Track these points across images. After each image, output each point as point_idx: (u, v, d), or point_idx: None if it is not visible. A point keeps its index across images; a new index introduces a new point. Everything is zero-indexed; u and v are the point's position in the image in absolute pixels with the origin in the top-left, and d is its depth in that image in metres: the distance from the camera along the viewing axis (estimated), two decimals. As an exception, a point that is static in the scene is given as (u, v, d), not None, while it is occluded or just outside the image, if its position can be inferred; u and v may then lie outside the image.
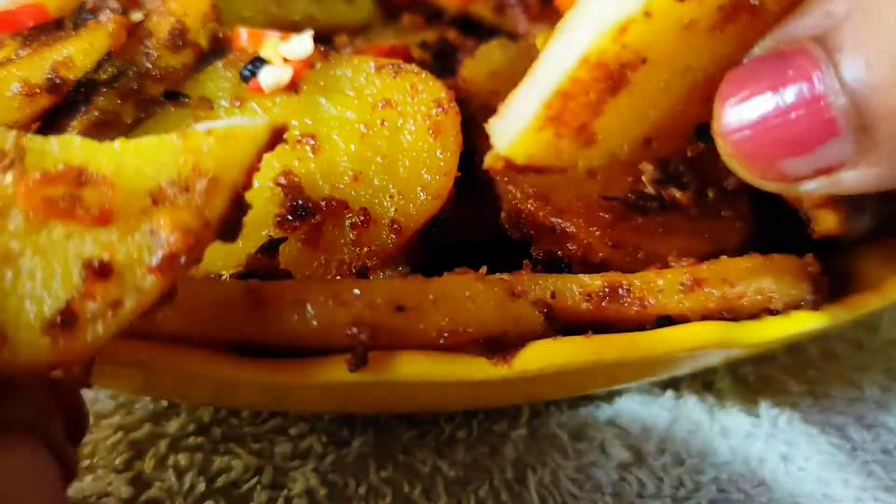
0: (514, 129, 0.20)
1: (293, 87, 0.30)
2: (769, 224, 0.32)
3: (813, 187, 0.20)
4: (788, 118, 0.18)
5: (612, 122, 0.20)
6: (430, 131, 0.29)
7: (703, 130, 0.21)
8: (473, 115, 0.33)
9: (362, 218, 0.28)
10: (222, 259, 0.29)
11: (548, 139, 0.20)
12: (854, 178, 0.19)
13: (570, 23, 0.19)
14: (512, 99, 0.21)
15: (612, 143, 0.21)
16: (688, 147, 0.23)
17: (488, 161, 0.22)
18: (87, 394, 0.33)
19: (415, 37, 0.40)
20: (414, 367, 0.25)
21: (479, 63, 0.36)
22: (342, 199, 0.28)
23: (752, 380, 0.37)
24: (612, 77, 0.18)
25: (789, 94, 0.18)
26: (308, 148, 0.29)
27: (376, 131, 0.29)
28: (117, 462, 0.30)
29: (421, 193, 0.29)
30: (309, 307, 0.23)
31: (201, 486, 0.29)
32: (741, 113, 0.19)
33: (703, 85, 0.20)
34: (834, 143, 0.18)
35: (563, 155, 0.21)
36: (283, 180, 0.28)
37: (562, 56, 0.19)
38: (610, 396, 0.35)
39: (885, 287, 0.30)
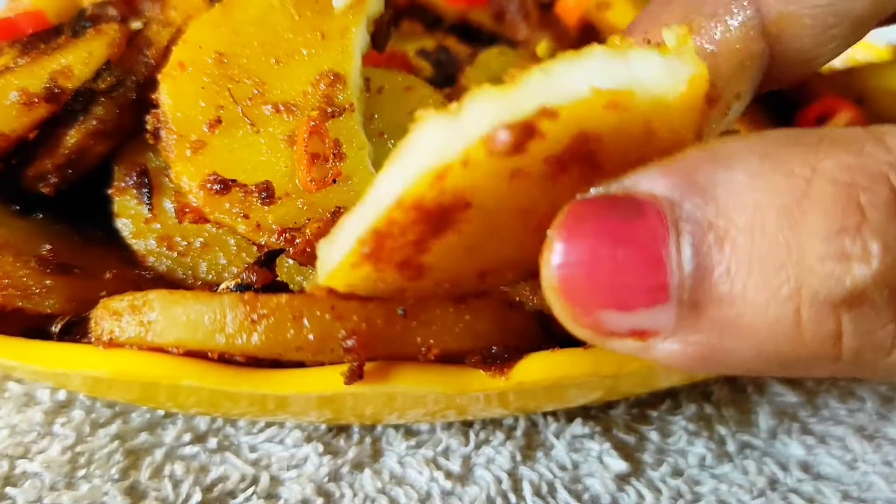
0: (334, 260, 0.19)
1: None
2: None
3: (622, 347, 0.19)
4: (623, 271, 0.17)
5: (441, 260, 0.18)
6: None
7: None
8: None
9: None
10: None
11: (367, 273, 0.19)
12: (664, 351, 0.18)
13: (399, 153, 0.17)
14: (342, 222, 0.19)
15: (443, 277, 0.19)
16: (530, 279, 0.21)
17: (309, 288, 0.21)
18: (84, 402, 0.33)
19: (414, 44, 0.40)
20: (410, 380, 0.25)
21: (479, 71, 0.36)
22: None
23: (749, 390, 0.37)
24: (432, 219, 0.17)
25: (632, 247, 0.17)
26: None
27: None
28: (113, 471, 0.30)
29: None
30: (306, 320, 0.23)
31: (197, 496, 0.29)
32: (576, 250, 0.17)
33: (543, 224, 0.18)
34: (658, 310, 0.17)
35: (388, 286, 0.19)
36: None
37: (382, 192, 0.17)
38: (607, 407, 0.35)
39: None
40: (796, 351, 0.18)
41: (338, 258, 0.19)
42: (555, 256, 0.18)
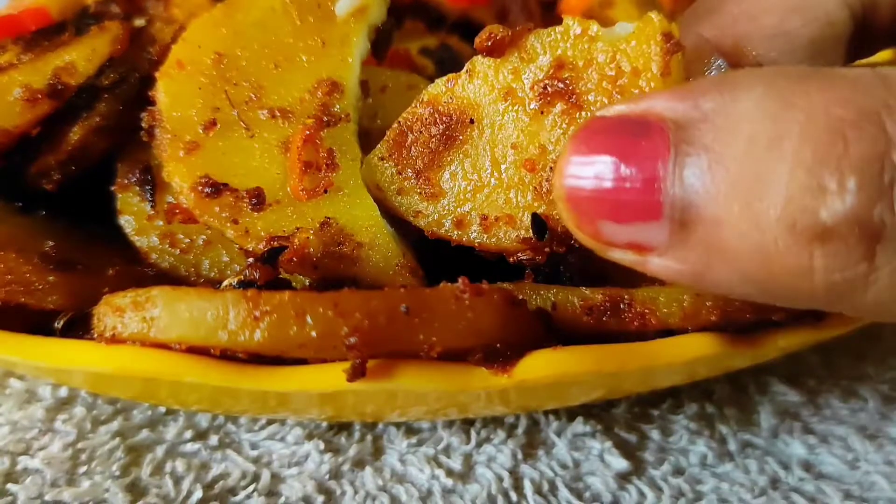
0: None
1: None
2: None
3: (621, 258, 0.20)
4: (622, 185, 0.19)
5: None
6: None
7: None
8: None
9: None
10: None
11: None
12: (659, 266, 0.19)
13: None
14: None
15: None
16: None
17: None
18: (85, 399, 0.33)
19: (416, 42, 0.40)
20: (413, 377, 0.24)
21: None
22: None
23: (751, 389, 0.37)
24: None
25: (632, 165, 0.18)
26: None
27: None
28: (115, 468, 0.30)
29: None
30: (308, 318, 0.23)
31: (198, 493, 0.29)
32: (584, 163, 0.19)
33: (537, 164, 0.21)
34: (652, 226, 0.19)
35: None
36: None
37: None
38: (609, 405, 0.35)
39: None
40: (774, 280, 0.18)
41: None
42: (565, 170, 0.19)
